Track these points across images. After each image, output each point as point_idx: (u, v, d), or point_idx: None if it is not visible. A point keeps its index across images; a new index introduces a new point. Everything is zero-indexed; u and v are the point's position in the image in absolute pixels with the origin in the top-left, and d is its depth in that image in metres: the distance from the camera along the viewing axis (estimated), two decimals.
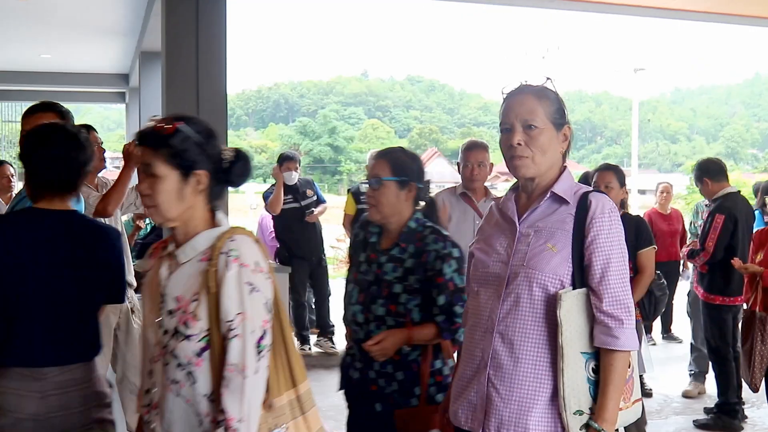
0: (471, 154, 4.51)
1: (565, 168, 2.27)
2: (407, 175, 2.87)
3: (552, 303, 2.10)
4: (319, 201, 7.64)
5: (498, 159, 2.81)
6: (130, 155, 3.94)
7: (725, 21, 8.30)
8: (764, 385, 4.89)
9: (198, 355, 1.94)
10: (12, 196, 4.77)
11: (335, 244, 15.40)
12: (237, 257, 1.93)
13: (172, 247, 2.07)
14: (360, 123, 74.16)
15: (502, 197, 2.36)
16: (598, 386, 2.11)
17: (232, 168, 2.05)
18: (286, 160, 7.43)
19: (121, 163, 4.15)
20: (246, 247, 1.96)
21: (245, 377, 1.89)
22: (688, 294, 6.63)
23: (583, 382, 2.10)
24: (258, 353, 1.92)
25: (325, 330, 7.61)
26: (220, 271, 1.92)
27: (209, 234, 2.01)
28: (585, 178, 5.17)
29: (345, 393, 3.01)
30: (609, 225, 2.14)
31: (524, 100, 2.19)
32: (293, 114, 78.95)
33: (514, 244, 2.20)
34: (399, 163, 2.88)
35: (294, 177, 7.39)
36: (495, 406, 2.14)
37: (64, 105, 3.43)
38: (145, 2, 7.90)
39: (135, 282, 4.40)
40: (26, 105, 3.36)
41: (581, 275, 2.13)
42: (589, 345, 2.12)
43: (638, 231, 4.63)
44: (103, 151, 4.51)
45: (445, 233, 2.88)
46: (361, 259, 2.95)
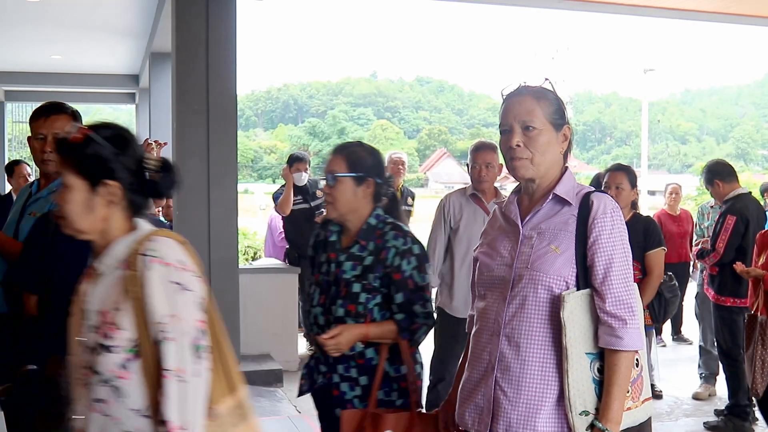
0: (479, 155, 4.50)
1: (567, 169, 2.26)
2: (364, 171, 2.76)
3: (557, 304, 2.10)
4: None
5: None
6: (149, 151, 4.03)
7: (735, 21, 8.28)
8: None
9: (123, 368, 1.78)
10: None
11: None
12: (157, 257, 1.79)
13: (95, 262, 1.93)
14: (369, 124, 74.24)
15: (506, 200, 2.35)
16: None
17: (158, 179, 1.91)
18: (296, 161, 7.44)
19: None
20: (167, 247, 1.83)
21: (184, 381, 1.74)
22: (696, 296, 6.60)
23: (589, 383, 2.10)
24: (196, 355, 1.77)
25: None
26: (141, 274, 1.78)
27: (127, 240, 1.87)
28: (597, 180, 5.10)
29: (312, 398, 2.92)
30: (611, 225, 2.13)
31: (522, 102, 2.19)
32: (302, 115, 79.12)
33: (518, 247, 2.20)
34: (355, 158, 2.77)
35: (304, 178, 7.40)
36: (503, 409, 2.14)
37: (75, 106, 3.43)
38: (156, 3, 7.93)
39: None
40: (37, 106, 3.36)
41: (585, 276, 2.13)
42: (594, 345, 2.12)
43: (647, 232, 4.59)
44: None
45: (407, 229, 2.78)
46: (322, 260, 2.85)
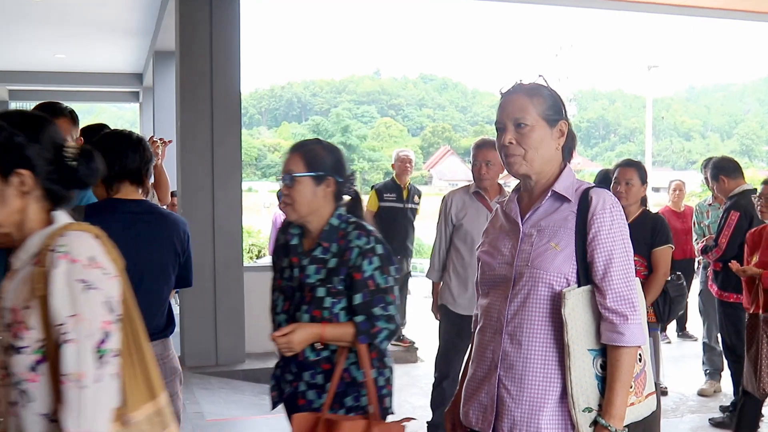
0: (480, 153, 4.48)
1: (566, 165, 2.26)
2: (324, 170, 2.62)
3: (558, 302, 2.10)
4: None
5: None
6: (155, 149, 4.22)
7: (740, 18, 8.27)
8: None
9: (32, 370, 1.70)
10: None
11: None
12: (66, 253, 1.70)
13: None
14: (373, 121, 74.16)
15: (506, 199, 2.36)
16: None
17: (78, 168, 1.82)
18: None
19: None
20: (79, 242, 1.73)
21: (83, 387, 1.64)
22: (700, 293, 6.58)
23: (591, 379, 2.10)
24: (99, 359, 1.67)
25: None
26: (47, 270, 1.69)
27: (41, 234, 1.78)
28: (603, 176, 5.05)
29: (284, 407, 2.79)
30: (611, 220, 2.13)
31: (515, 99, 2.20)
32: (306, 113, 79.05)
33: (518, 245, 2.20)
34: (314, 157, 2.63)
35: None
36: (507, 407, 2.14)
37: (79, 105, 3.45)
38: (159, 2, 7.93)
39: None
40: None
41: (585, 272, 2.13)
42: (596, 342, 2.12)
43: (655, 229, 4.55)
44: None
45: (370, 228, 2.65)
46: (284, 265, 2.72)
